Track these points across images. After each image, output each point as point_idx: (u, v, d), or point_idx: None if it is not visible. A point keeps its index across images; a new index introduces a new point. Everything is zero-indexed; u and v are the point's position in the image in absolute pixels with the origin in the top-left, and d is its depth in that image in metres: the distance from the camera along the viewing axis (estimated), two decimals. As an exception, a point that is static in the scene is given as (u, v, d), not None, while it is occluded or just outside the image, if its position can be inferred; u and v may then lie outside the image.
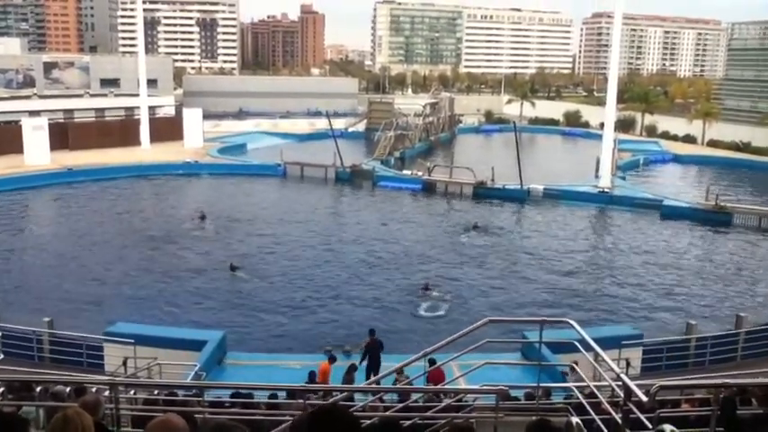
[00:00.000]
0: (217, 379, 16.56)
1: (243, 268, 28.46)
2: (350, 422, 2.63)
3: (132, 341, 16.81)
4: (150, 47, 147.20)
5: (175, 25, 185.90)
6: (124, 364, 15.88)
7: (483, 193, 46.92)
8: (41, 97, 69.36)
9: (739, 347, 19.14)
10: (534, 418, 6.68)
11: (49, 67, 72.79)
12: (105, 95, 73.37)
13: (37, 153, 50.69)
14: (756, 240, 37.83)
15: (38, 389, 9.47)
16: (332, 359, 16.60)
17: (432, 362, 11.49)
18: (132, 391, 10.86)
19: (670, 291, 28.34)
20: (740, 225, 40.43)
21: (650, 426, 5.12)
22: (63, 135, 56.92)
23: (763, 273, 31.71)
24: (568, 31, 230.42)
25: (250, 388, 11.30)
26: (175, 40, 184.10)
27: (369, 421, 7.54)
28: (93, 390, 9.43)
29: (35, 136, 51.29)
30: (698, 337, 19.52)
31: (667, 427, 4.13)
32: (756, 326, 20.72)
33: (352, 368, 16.18)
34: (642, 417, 5.44)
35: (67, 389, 10.05)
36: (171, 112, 74.65)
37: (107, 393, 7.89)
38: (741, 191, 52.77)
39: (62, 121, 62.99)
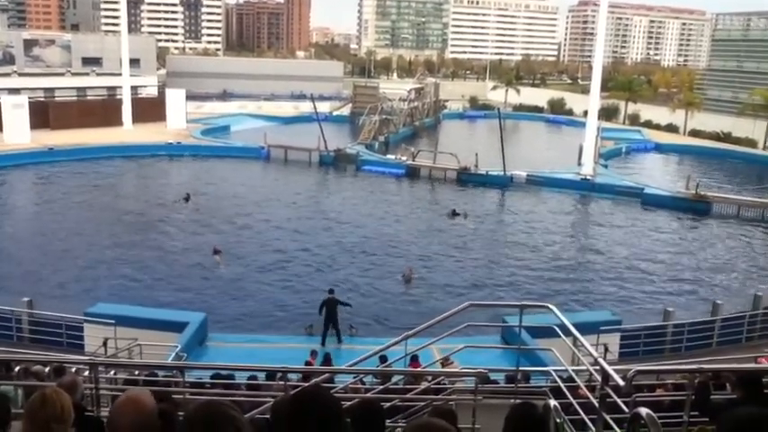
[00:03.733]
0: (198, 360, 16.56)
1: (224, 252, 28.31)
2: (331, 404, 2.65)
3: (113, 322, 16.73)
4: (133, 26, 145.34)
5: (159, 4, 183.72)
6: (104, 344, 15.79)
7: (466, 178, 47.02)
8: (21, 75, 68.30)
9: (715, 334, 19.45)
10: (514, 400, 6.76)
11: (29, 44, 71.63)
12: (87, 74, 72.38)
13: (17, 132, 49.93)
14: (734, 229, 38.29)
15: (17, 368, 9.42)
16: (314, 353, 16.57)
17: (414, 358, 11.58)
18: (112, 372, 10.84)
19: (649, 278, 28.66)
20: (719, 214, 40.89)
21: (626, 409, 5.19)
22: (44, 114, 56.12)
23: (740, 261, 32.15)
24: (554, 19, 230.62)
25: (231, 369, 11.31)
26: (159, 19, 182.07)
27: (349, 403, 7.60)
28: (73, 369, 9.40)
29: (15, 114, 50.49)
30: (675, 324, 19.79)
31: (643, 410, 4.20)
32: (732, 313, 21.04)
33: (327, 357, 16.23)
34: (619, 401, 5.53)
35: (47, 368, 10.02)
36: (154, 92, 73.85)
37: (87, 373, 7.87)
38: (721, 180, 53.29)
39: (43, 99, 62.08)
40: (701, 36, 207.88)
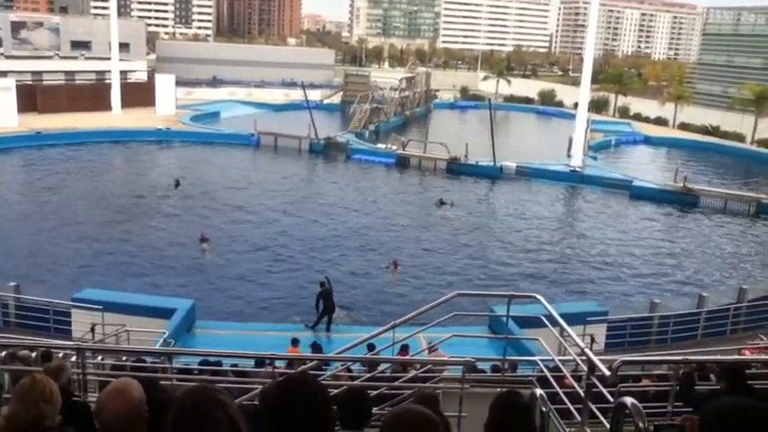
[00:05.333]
0: (185, 347, 16.53)
1: (212, 240, 28.21)
2: (318, 391, 2.66)
3: (100, 308, 16.67)
4: (123, 10, 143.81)
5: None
6: (92, 330, 15.75)
7: (456, 169, 47.06)
8: (8, 58, 67.53)
9: (700, 326, 19.60)
10: (500, 389, 6.81)
11: (16, 26, 70.81)
12: (76, 58, 71.66)
13: (4, 115, 49.39)
14: (721, 222, 38.58)
15: (3, 353, 9.38)
16: (295, 341, 16.49)
17: (404, 347, 11.62)
18: (100, 357, 10.83)
19: (636, 270, 28.85)
20: (706, 207, 41.17)
21: (611, 399, 5.24)
22: (31, 98, 55.65)
23: (726, 254, 32.41)
24: (546, 10, 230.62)
25: (218, 355, 11.32)
26: (149, 3, 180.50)
27: (336, 390, 7.63)
28: (60, 355, 9.38)
29: (2, 97, 49.88)
30: (661, 315, 19.94)
31: (628, 400, 4.24)
32: (717, 306, 21.23)
33: (316, 346, 16.22)
34: (604, 390, 5.57)
35: (34, 353, 9.98)
36: (143, 77, 73.25)
37: (74, 359, 7.85)
38: (708, 173, 53.61)
39: (30, 83, 61.48)
40: (692, 30, 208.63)
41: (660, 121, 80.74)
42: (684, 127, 77.06)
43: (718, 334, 19.39)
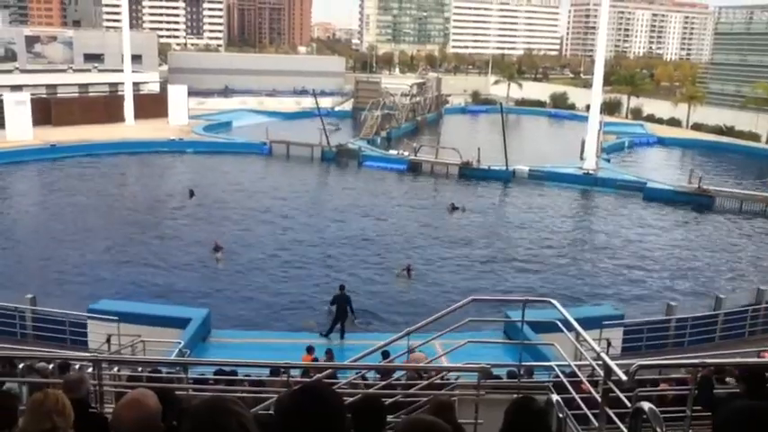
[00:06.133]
0: (201, 356, 16.57)
1: (226, 248, 28.30)
2: (332, 400, 2.66)
3: (116, 318, 16.77)
4: (135, 22, 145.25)
5: (161, 0, 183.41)
6: (108, 341, 15.85)
7: (468, 173, 46.98)
8: (23, 72, 68.28)
9: (718, 328, 19.43)
10: (516, 395, 6.77)
11: (31, 41, 71.64)
12: (89, 71, 72.30)
13: (19, 128, 49.99)
14: (737, 223, 38.24)
15: (21, 365, 9.45)
16: (310, 349, 16.53)
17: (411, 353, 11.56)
18: (116, 368, 10.87)
19: (651, 272, 28.64)
20: (722, 208, 40.83)
21: (629, 404, 5.20)
22: (46, 110, 56.21)
23: (743, 255, 32.10)
24: (556, 13, 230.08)
25: (234, 365, 11.33)
26: (161, 15, 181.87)
27: (351, 399, 7.62)
28: (77, 366, 9.43)
29: (17, 111, 50.54)
30: (677, 318, 19.77)
31: (646, 405, 4.20)
32: (734, 307, 21.02)
33: (329, 353, 16.23)
34: (621, 395, 5.53)
35: (51, 365, 10.05)
36: (156, 88, 73.75)
37: (90, 370, 7.89)
38: (723, 174, 53.19)
39: (45, 96, 62.01)
40: (704, 30, 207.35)
41: (673, 122, 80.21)
42: (698, 127, 76.51)
43: (736, 336, 19.21)
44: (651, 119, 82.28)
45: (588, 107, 55.03)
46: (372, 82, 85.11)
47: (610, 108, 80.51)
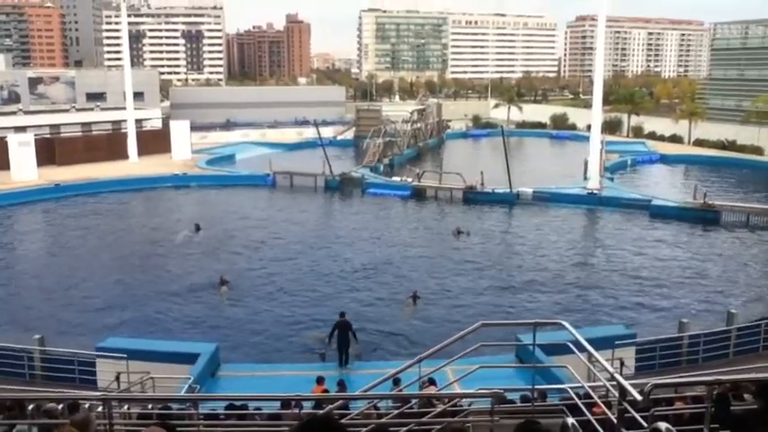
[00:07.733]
0: (211, 391, 16.47)
1: (232, 281, 28.22)
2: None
3: (125, 356, 16.66)
4: (136, 60, 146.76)
5: (161, 38, 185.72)
6: (117, 379, 15.74)
7: (473, 197, 47.02)
8: (27, 113, 68.98)
9: (731, 344, 19.20)
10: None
11: (34, 82, 72.43)
12: (91, 110, 72.99)
13: (24, 169, 50.44)
14: (745, 237, 38.07)
15: (30, 407, 9.38)
16: (320, 380, 16.34)
17: (431, 381, 11.47)
18: (126, 406, 10.79)
19: (661, 290, 28.44)
20: (728, 223, 40.68)
21: (645, 424, 5.13)
22: (50, 150, 56.72)
23: (753, 269, 31.91)
24: (553, 35, 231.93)
25: (244, 399, 11.24)
26: (161, 52, 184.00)
27: (364, 429, 7.53)
28: (87, 406, 9.36)
29: (21, 152, 51.04)
30: (690, 335, 19.56)
31: (662, 425, 4.14)
32: (747, 322, 20.82)
33: (341, 384, 16.06)
34: (637, 416, 5.46)
35: (60, 406, 9.97)
36: (158, 124, 74.37)
37: (100, 409, 7.83)
38: (728, 189, 53.10)
39: (48, 136, 62.61)
40: (701, 46, 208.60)
41: (675, 139, 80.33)
42: (700, 143, 76.61)
43: (750, 351, 18.97)
44: (653, 136, 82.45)
45: (589, 127, 55.21)
46: (373, 110, 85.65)
47: (611, 127, 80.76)
